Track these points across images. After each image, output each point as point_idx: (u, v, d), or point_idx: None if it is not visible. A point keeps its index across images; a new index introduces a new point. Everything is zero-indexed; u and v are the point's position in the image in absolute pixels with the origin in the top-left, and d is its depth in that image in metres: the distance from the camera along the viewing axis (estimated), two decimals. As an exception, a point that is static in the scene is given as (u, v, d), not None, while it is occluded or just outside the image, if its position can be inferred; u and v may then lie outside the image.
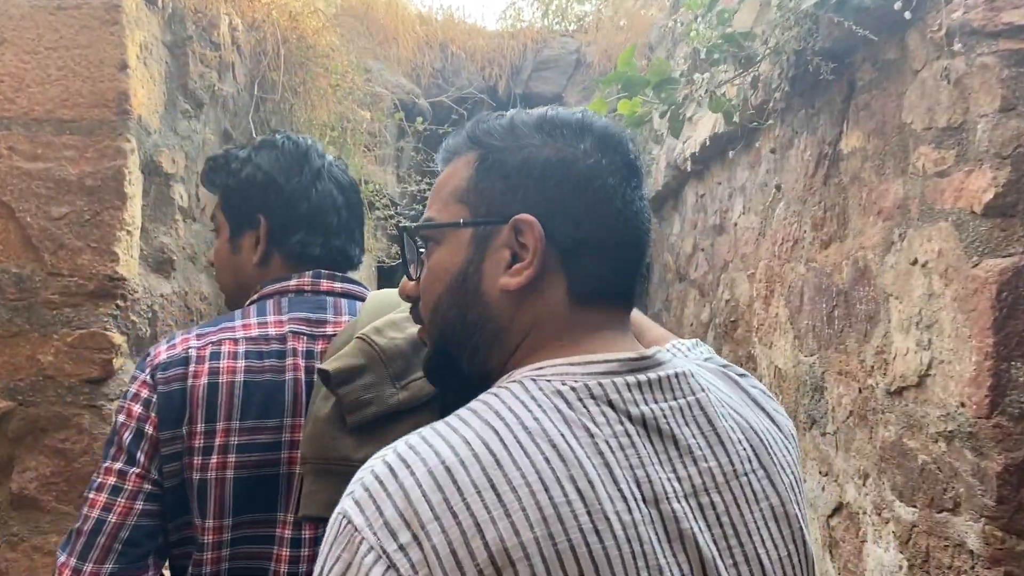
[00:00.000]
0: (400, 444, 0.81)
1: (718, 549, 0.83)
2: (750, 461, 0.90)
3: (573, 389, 0.84)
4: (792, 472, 0.96)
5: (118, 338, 2.11)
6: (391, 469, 0.77)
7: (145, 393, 1.31)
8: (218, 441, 1.28)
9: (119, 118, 2.08)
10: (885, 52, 2.66)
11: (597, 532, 0.75)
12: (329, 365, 1.22)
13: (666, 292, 6.01)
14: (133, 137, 2.13)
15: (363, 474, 0.79)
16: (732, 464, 0.88)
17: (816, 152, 3.26)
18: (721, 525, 0.85)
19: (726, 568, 0.83)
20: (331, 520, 0.78)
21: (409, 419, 1.20)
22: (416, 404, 1.22)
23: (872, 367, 2.68)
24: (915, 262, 2.39)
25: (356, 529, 0.75)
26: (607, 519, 0.76)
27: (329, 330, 1.40)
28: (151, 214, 2.33)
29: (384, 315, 1.31)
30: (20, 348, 2.10)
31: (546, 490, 0.76)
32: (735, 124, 3.62)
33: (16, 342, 2.10)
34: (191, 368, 1.31)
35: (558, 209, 0.91)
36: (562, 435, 0.80)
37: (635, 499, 0.80)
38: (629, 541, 0.77)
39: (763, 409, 1.00)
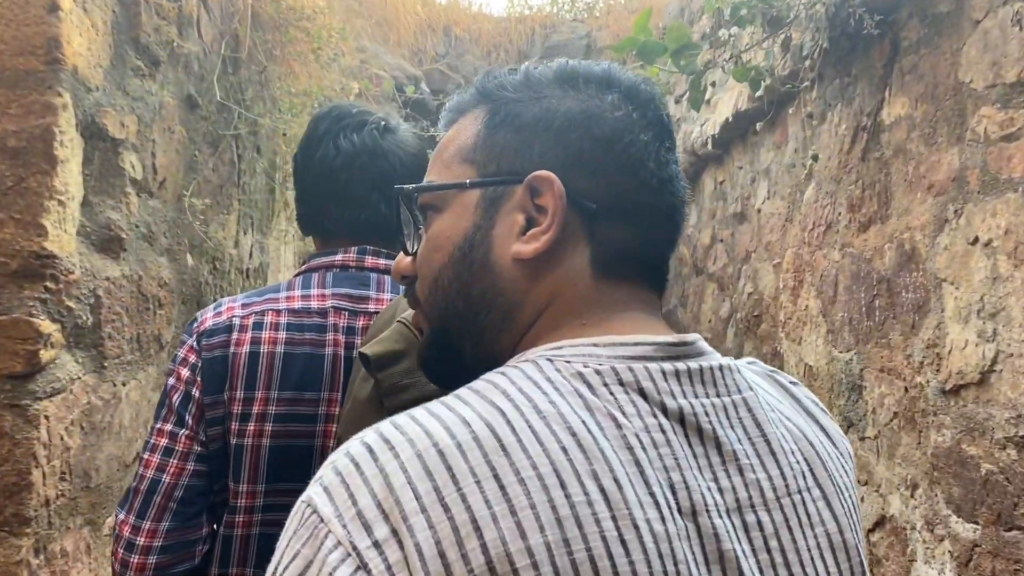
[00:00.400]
0: (384, 423, 0.68)
1: None
2: (804, 478, 0.78)
3: (597, 372, 0.71)
4: (850, 495, 0.83)
5: (48, 326, 1.81)
6: (370, 450, 0.65)
7: (192, 358, 1.35)
8: (256, 409, 1.31)
9: (48, 68, 1.78)
10: (936, 4, 2.36)
11: (623, 542, 0.63)
12: (369, 349, 1.18)
13: (682, 287, 5.71)
14: (67, 91, 1.83)
15: (336, 456, 0.66)
16: (784, 479, 0.76)
17: (852, 125, 2.94)
18: (769, 550, 0.73)
19: None
20: (293, 509, 0.65)
21: None
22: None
23: (921, 363, 2.38)
24: (975, 241, 2.10)
25: (322, 520, 0.62)
26: (636, 527, 0.64)
27: (371, 307, 1.39)
28: (95, 185, 2.02)
29: None
30: (-69, 337, 1.80)
31: (562, 485, 0.63)
32: (760, 99, 3.30)
33: (-73, 330, 1.80)
34: (234, 336, 1.34)
35: (582, 166, 0.79)
36: (583, 422, 0.67)
37: (669, 507, 0.68)
38: (661, 557, 0.65)
39: (817, 422, 0.87)
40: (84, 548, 2.03)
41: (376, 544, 0.60)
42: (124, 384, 2.21)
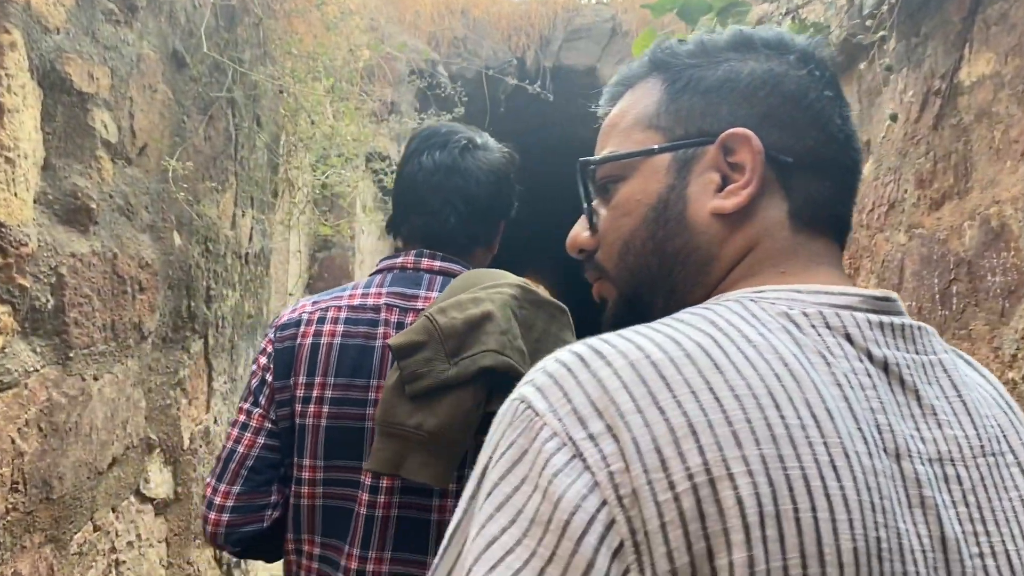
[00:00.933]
0: (591, 339, 0.69)
1: (963, 531, 0.71)
2: (999, 442, 0.77)
3: (804, 314, 0.73)
4: None
5: (-6, 307, 1.52)
6: (581, 358, 0.66)
7: (268, 348, 1.56)
8: (315, 393, 1.48)
9: (-7, -1, 1.49)
10: (1035, -60, 2.03)
11: (834, 467, 0.64)
12: (393, 340, 1.39)
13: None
14: (16, 29, 1.54)
15: (545, 362, 0.68)
16: (980, 440, 0.76)
17: (922, 90, 2.62)
18: (967, 504, 0.72)
19: (970, 557, 0.70)
20: (503, 406, 0.68)
21: (457, 392, 1.38)
22: (463, 380, 1.38)
23: (1015, 356, 2.06)
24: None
25: (537, 414, 0.64)
26: (847, 456, 0.65)
27: (420, 304, 1.56)
28: (59, 146, 1.73)
29: (459, 293, 1.49)
30: None
31: (776, 407, 0.64)
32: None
33: None
34: (301, 329, 1.53)
35: (772, 122, 0.83)
36: (794, 355, 0.68)
37: (876, 445, 0.68)
38: (868, 489, 0.65)
39: (1002, 396, 0.85)
40: (45, 570, 1.74)
41: (591, 436, 0.62)
42: (96, 379, 1.91)
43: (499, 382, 1.40)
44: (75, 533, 1.87)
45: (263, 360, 1.56)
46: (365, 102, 3.58)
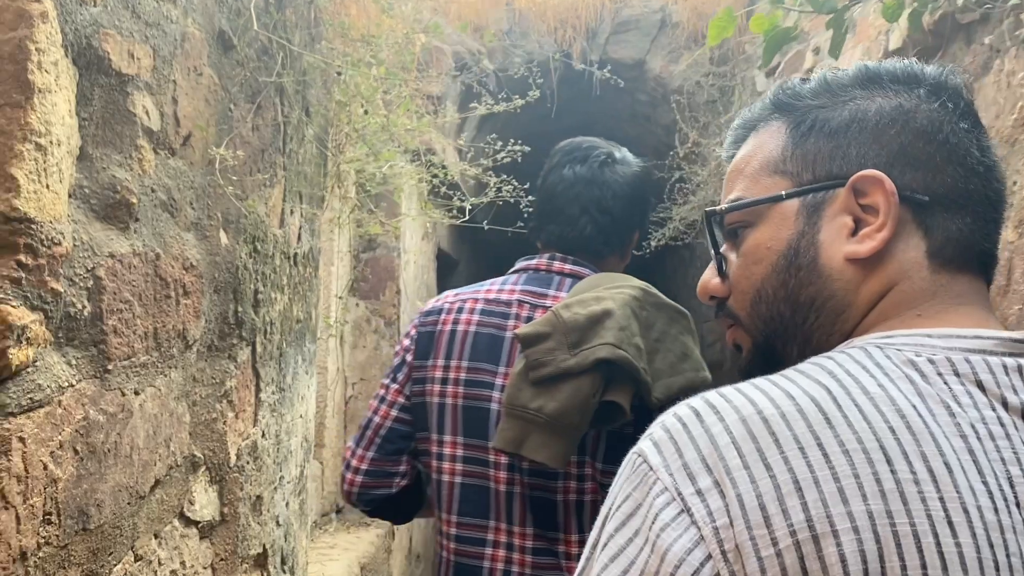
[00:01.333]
0: (709, 392, 0.72)
1: None
2: None
3: (931, 361, 0.71)
4: None
5: (24, 315, 1.33)
6: (697, 413, 0.70)
7: (412, 332, 1.76)
8: (452, 375, 1.69)
9: (22, -37, 1.30)
10: None
11: (951, 524, 0.62)
12: (521, 330, 1.58)
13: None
14: (49, -1, 1.35)
15: (664, 417, 0.72)
16: None
17: (1038, 70, 2.36)
18: None
19: None
20: (626, 459, 0.73)
21: (576, 380, 1.52)
22: (582, 370, 1.51)
23: None
24: None
25: (651, 468, 0.68)
26: (966, 511, 0.62)
27: (548, 302, 1.71)
28: (96, 134, 1.54)
29: (584, 292, 1.64)
30: None
31: (888, 461, 0.63)
32: (920, 33, 2.73)
33: None
34: (441, 317, 1.73)
35: (905, 160, 0.81)
36: (913, 406, 0.67)
37: (1005, 499, 0.64)
38: (992, 546, 0.62)
39: None
40: (81, 609, 1.55)
41: (699, 492, 0.64)
42: (137, 393, 1.71)
43: (615, 373, 1.54)
44: (114, 565, 1.68)
45: (406, 342, 1.77)
46: (419, 91, 3.39)
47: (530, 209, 1.96)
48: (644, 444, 0.70)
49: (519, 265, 1.81)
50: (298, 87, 2.50)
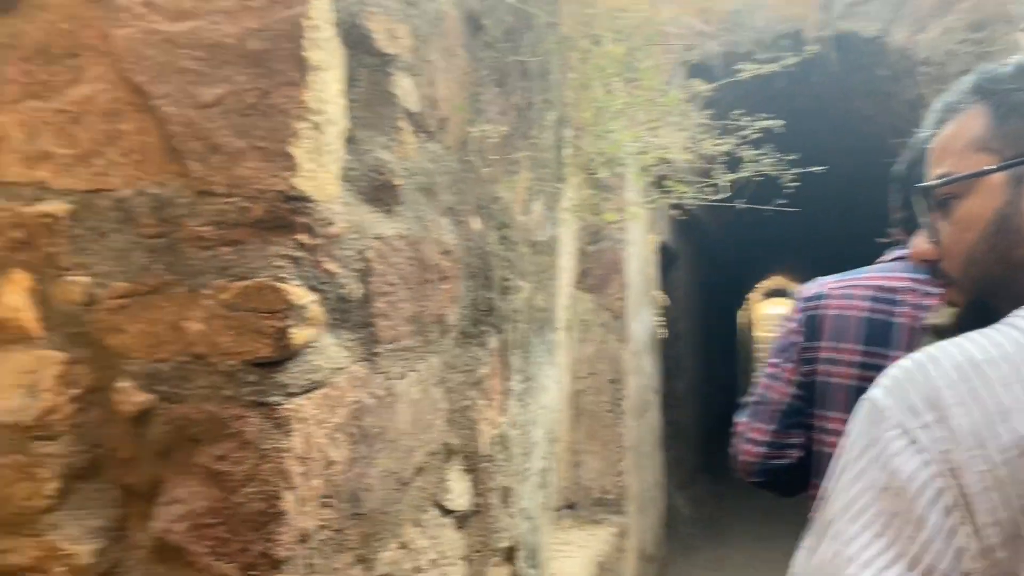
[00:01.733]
0: (928, 347, 0.84)
1: None
2: None
3: None
4: None
5: (301, 294, 1.32)
6: (918, 363, 0.82)
7: (797, 315, 1.82)
8: (845, 357, 1.72)
9: (296, -60, 1.29)
10: None
11: None
12: (931, 320, 1.50)
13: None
14: (321, -27, 1.34)
15: (891, 368, 0.85)
16: None
17: None
18: None
19: None
20: (858, 403, 0.85)
21: None
22: None
23: None
24: None
25: (881, 409, 0.81)
26: None
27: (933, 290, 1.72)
28: (361, 116, 1.53)
29: None
30: (161, 311, 1.35)
31: None
32: None
33: (154, 301, 1.35)
34: (823, 301, 1.78)
35: None
36: None
37: None
38: None
39: None
40: (355, 593, 1.54)
41: (924, 425, 0.78)
42: (401, 377, 1.70)
43: None
44: (381, 551, 1.67)
45: (792, 324, 1.83)
46: (658, 73, 3.26)
47: (791, 184, 1.99)
48: (874, 392, 0.83)
49: (896, 254, 1.85)
50: (541, 71, 2.44)
